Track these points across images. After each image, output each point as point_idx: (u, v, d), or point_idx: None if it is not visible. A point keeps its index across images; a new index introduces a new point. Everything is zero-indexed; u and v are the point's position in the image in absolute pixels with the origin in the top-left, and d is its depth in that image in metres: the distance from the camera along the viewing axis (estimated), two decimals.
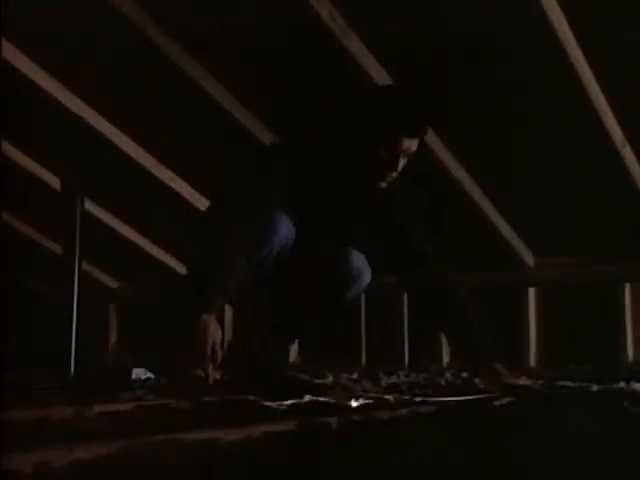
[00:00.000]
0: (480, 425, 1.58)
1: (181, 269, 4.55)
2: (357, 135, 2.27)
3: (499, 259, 3.77)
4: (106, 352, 4.90)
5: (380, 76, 2.82)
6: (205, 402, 2.01)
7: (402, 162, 2.27)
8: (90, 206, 4.10)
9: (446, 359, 3.92)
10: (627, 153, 2.99)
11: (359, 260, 2.43)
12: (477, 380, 2.56)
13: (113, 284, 5.00)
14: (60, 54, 3.22)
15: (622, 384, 2.70)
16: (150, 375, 2.82)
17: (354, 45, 2.71)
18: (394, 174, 2.29)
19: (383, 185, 2.32)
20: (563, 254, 3.74)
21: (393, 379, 2.89)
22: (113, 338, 4.99)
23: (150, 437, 1.22)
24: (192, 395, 2.05)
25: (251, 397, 2.03)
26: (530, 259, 3.81)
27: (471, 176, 3.35)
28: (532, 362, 3.77)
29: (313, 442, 1.26)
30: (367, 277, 2.45)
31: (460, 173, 3.30)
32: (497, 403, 1.98)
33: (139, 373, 2.78)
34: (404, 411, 1.65)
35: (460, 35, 2.69)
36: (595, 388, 2.51)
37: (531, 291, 3.81)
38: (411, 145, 2.25)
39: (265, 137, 3.27)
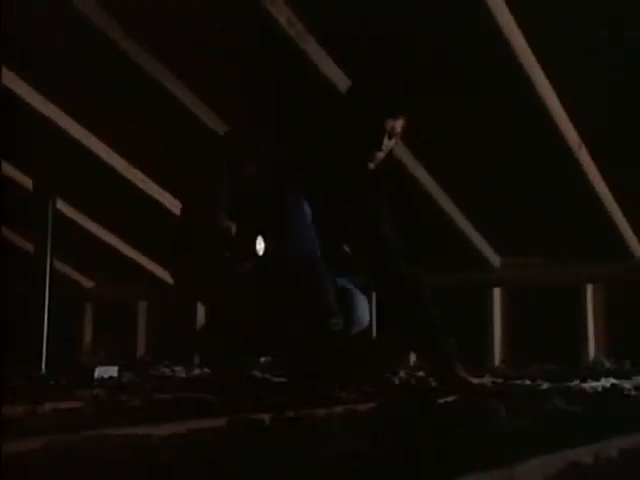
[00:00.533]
0: (416, 422, 1.63)
1: (154, 268, 4.61)
2: (343, 119, 2.38)
3: (465, 260, 3.82)
4: (81, 351, 4.94)
5: (338, 78, 2.88)
6: (157, 399, 2.05)
7: (388, 142, 2.37)
8: (63, 207, 4.15)
9: (413, 359, 3.97)
10: (583, 154, 3.04)
11: (362, 306, 2.50)
12: (431, 379, 2.61)
13: (88, 284, 5.04)
14: (28, 56, 3.25)
15: (575, 382, 2.76)
16: (113, 374, 2.87)
17: (312, 48, 2.75)
18: (381, 154, 2.39)
19: (372, 166, 2.41)
20: (528, 255, 3.80)
21: None
22: (88, 337, 5.03)
23: (77, 433, 1.27)
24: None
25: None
26: (495, 260, 3.86)
27: (433, 177, 3.40)
28: (497, 361, 3.83)
29: (239, 438, 1.30)
30: (366, 321, 2.54)
31: (421, 174, 3.35)
32: (441, 401, 2.04)
33: (102, 372, 2.82)
34: (340, 409, 1.70)
35: (417, 36, 2.75)
36: (545, 386, 2.57)
37: (496, 291, 3.87)
38: (395, 126, 2.36)
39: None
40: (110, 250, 4.51)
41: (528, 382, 2.85)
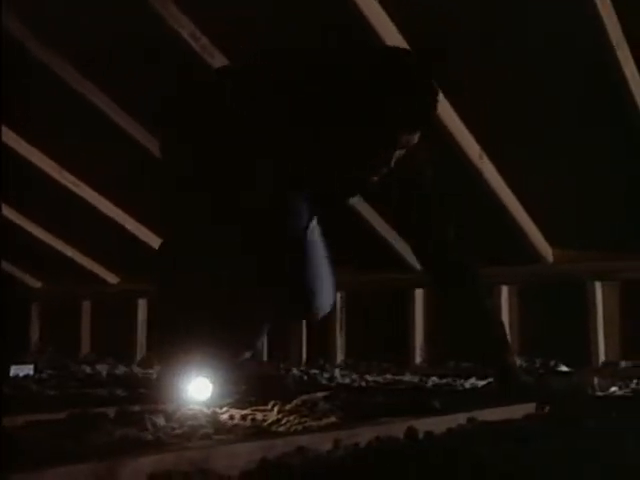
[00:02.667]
0: None
1: (96, 268, 4.74)
2: (353, 138, 2.06)
3: (388, 262, 3.95)
4: (29, 350, 5.06)
5: None
6: (44, 394, 2.18)
7: (397, 154, 2.11)
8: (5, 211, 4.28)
9: (340, 357, 4.12)
10: (485, 164, 3.17)
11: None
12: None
13: (35, 284, 5.17)
14: None
15: (471, 380, 2.91)
16: (29, 372, 2.99)
17: (219, 63, 2.87)
18: (386, 168, 2.13)
19: (375, 179, 2.18)
20: None
21: None
22: (35, 336, 5.15)
23: None
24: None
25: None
26: (417, 263, 3.98)
27: None
28: (417, 360, 3.97)
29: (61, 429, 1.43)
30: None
31: None
32: (304, 397, 2.15)
33: (17, 370, 2.94)
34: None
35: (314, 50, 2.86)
36: (430, 384, 2.71)
37: (418, 292, 4.00)
38: (410, 140, 2.07)
39: (151, 144, 3.44)
40: (52, 251, 4.63)
41: (435, 379, 3.00)
